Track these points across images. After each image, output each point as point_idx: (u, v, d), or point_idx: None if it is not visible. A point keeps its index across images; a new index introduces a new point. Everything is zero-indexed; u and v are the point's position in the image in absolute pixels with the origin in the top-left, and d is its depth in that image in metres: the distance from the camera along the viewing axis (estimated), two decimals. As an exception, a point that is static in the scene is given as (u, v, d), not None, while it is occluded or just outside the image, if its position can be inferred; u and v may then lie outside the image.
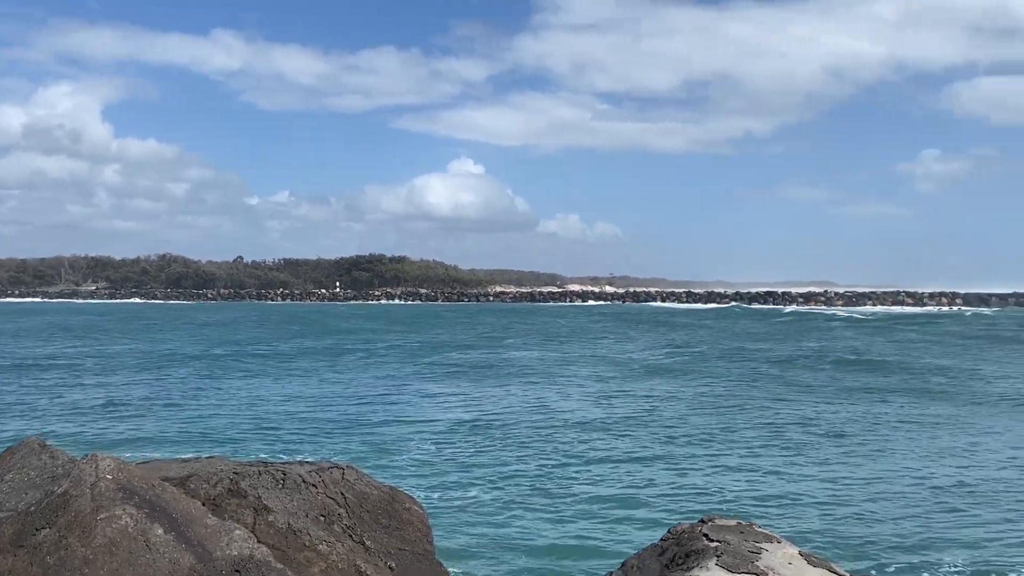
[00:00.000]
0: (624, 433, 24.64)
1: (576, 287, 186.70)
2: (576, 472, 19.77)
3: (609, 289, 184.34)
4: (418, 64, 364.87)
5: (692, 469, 20.17)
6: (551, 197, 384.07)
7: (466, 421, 26.65)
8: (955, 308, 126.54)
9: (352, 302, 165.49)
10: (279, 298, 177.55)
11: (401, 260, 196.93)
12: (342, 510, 8.04)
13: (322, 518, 7.89)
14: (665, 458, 21.33)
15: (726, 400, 31.32)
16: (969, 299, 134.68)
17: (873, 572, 11.45)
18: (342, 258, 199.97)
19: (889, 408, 29.48)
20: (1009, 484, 18.67)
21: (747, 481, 19.03)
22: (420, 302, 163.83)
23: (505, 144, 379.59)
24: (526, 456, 21.48)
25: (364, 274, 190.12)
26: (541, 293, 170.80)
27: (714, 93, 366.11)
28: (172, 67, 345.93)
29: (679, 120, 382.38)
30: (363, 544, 7.90)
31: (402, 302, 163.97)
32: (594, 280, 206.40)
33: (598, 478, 19.20)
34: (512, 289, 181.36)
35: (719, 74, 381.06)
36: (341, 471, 8.66)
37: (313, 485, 8.23)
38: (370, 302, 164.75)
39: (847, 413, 28.38)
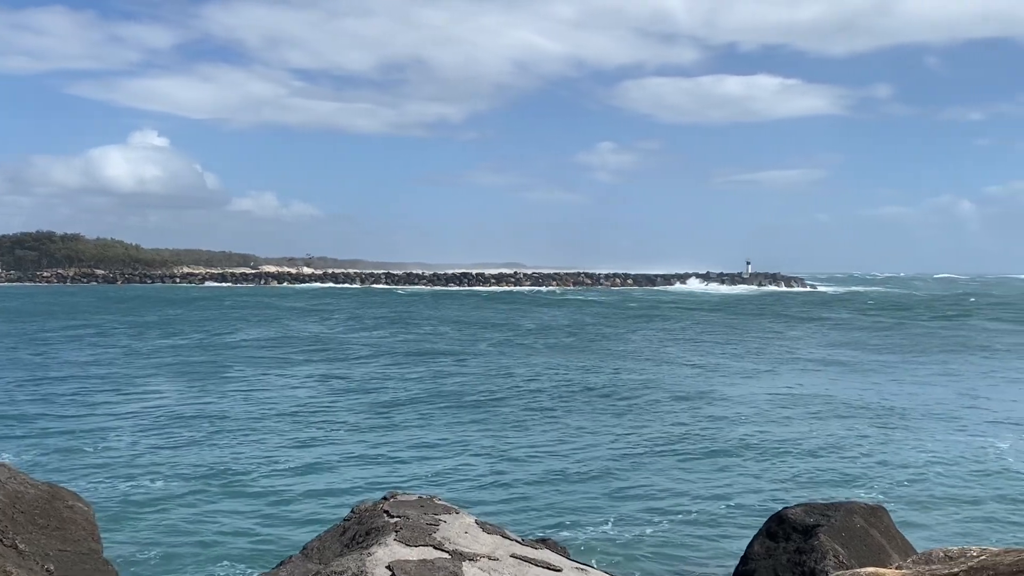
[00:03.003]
0: (323, 418, 24.40)
1: (272, 268, 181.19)
2: (272, 458, 19.30)
3: (306, 270, 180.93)
4: (94, 27, 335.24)
5: (388, 448, 20.42)
6: (244, 174, 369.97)
7: (171, 412, 25.00)
8: (626, 288, 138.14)
9: (16, 284, 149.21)
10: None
11: (75, 238, 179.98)
12: (-11, 513, 7.24)
13: (-36, 523, 7.07)
14: (360, 440, 21.42)
15: (425, 379, 31.97)
16: (639, 279, 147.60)
17: (540, 533, 12.34)
18: (4, 236, 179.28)
19: (571, 383, 31.60)
20: (666, 448, 20.77)
21: (438, 456, 19.61)
22: (97, 284, 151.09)
23: (194, 117, 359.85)
24: (225, 445, 20.64)
25: (31, 253, 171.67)
26: (233, 274, 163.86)
27: (409, 77, 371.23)
28: None
29: (375, 102, 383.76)
30: (15, 547, 7.17)
31: (75, 284, 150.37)
32: (290, 261, 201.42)
33: (294, 463, 18.87)
34: (202, 270, 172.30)
35: (414, 58, 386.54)
36: (-11, 470, 7.82)
37: (-47, 487, 7.36)
38: (38, 284, 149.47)
39: (532, 390, 30.07)
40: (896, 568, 6.87)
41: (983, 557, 6.54)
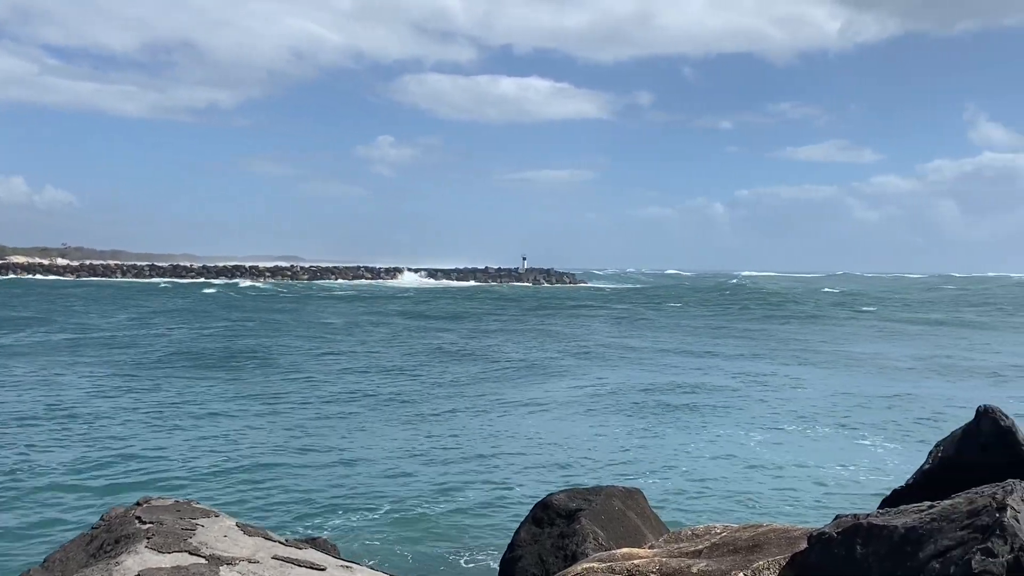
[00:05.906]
0: (83, 419, 22.71)
1: (21, 259, 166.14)
2: (16, 463, 17.70)
3: (62, 262, 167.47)
4: None
5: (151, 451, 19.32)
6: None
7: None
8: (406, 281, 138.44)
9: None
10: None
11: None
12: None
13: None
14: (122, 442, 20.12)
15: (190, 378, 30.51)
16: (419, 274, 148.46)
17: (311, 532, 12.18)
18: None
19: (344, 380, 31.27)
20: (440, 442, 21.00)
21: (206, 458, 18.81)
22: None
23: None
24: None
25: None
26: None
27: (177, 59, 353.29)
28: None
29: (139, 84, 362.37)
30: None
31: None
32: (43, 252, 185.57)
33: (42, 468, 17.46)
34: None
35: (182, 41, 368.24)
36: None
37: None
38: None
39: (306, 388, 29.49)
40: (649, 547, 7.29)
41: (724, 534, 7.09)
